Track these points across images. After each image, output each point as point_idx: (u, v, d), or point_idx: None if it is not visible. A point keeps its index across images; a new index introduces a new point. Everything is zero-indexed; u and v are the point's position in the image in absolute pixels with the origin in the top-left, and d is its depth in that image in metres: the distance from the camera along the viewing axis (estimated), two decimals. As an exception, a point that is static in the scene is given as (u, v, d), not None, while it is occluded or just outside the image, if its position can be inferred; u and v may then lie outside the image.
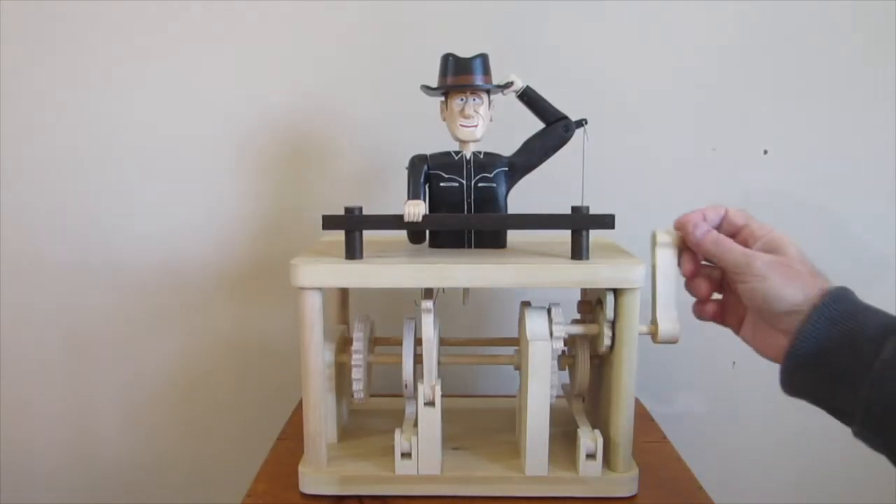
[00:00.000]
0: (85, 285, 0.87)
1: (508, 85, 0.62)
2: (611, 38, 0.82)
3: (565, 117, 0.62)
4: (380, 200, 0.81)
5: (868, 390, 0.43)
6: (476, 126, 0.62)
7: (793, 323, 0.48)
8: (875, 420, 0.43)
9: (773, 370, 0.50)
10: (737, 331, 0.55)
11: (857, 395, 0.44)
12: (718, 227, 0.55)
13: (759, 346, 0.52)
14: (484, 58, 0.62)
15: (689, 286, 0.57)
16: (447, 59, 0.62)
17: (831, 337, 0.46)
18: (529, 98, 0.63)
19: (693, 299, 0.57)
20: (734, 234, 0.54)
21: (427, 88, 0.63)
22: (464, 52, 0.62)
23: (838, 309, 0.47)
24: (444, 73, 0.62)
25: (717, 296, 0.57)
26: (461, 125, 0.62)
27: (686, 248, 0.56)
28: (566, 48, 0.82)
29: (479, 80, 0.61)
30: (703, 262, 0.57)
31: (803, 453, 0.89)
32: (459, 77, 0.61)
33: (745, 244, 0.52)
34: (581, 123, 0.62)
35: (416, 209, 0.58)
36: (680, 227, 0.56)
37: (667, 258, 0.57)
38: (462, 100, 0.62)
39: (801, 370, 0.48)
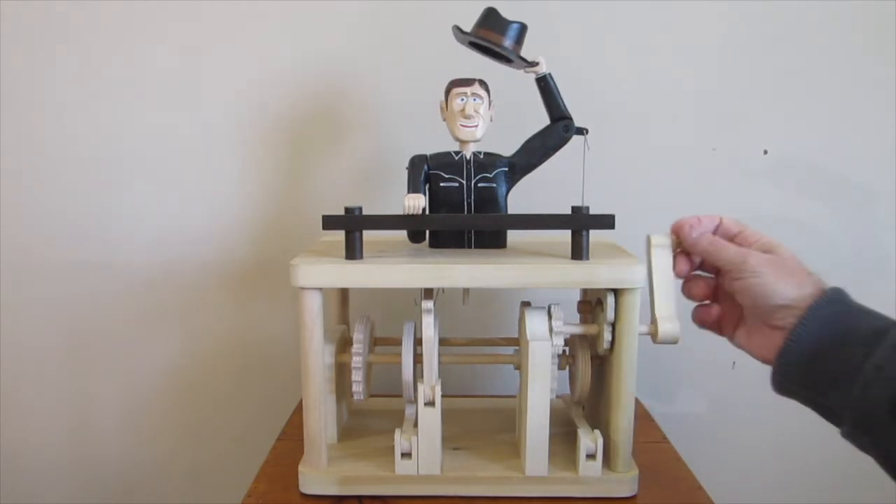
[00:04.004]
0: (85, 285, 0.87)
1: (534, 64, 0.61)
2: (611, 38, 0.82)
3: (569, 117, 0.62)
4: (380, 200, 0.81)
5: (858, 392, 0.44)
6: (476, 126, 0.62)
7: (787, 319, 0.48)
8: (863, 421, 0.44)
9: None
10: (731, 336, 0.56)
11: (846, 397, 0.44)
12: (714, 233, 0.56)
13: (753, 347, 0.53)
14: (523, 26, 0.60)
15: (686, 289, 0.58)
16: (490, 12, 0.60)
17: (823, 338, 0.47)
18: (546, 86, 0.62)
19: (692, 305, 0.58)
20: (729, 239, 0.55)
21: (458, 30, 0.60)
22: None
23: (832, 310, 0.47)
24: (480, 24, 0.60)
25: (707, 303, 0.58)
26: (461, 125, 0.62)
27: (681, 251, 0.57)
28: (565, 48, 0.82)
29: (508, 43, 0.59)
30: (697, 273, 0.58)
31: (803, 453, 0.89)
32: (491, 33, 0.59)
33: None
34: (582, 132, 0.62)
35: (416, 202, 0.58)
36: (676, 229, 0.57)
37: (663, 259, 0.57)
38: (462, 99, 0.62)
39: (793, 369, 0.48)
